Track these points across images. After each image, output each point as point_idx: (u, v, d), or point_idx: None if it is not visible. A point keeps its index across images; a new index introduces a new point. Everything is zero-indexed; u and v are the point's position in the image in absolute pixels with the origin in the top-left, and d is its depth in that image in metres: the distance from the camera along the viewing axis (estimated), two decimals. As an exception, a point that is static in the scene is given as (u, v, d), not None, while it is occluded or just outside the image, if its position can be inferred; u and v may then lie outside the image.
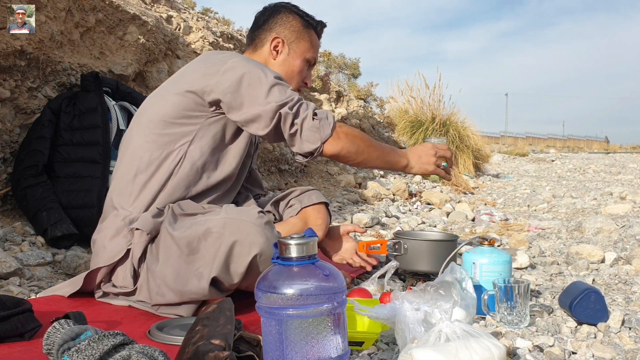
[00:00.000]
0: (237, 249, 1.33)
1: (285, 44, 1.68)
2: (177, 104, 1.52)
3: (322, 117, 1.49)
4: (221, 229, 1.34)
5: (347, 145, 1.51)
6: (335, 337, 0.99)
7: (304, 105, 1.49)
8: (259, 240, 1.33)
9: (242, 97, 1.47)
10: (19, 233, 2.20)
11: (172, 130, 1.52)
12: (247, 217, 1.36)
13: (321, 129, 1.48)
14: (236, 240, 1.33)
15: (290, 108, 1.46)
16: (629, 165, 10.82)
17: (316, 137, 1.47)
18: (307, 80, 1.75)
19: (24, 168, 2.29)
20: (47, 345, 1.00)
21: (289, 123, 1.46)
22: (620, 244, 2.49)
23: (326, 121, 1.49)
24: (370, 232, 3.06)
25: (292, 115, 1.46)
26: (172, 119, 1.52)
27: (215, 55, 1.58)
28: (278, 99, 1.46)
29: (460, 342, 1.03)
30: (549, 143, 34.44)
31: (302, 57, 1.69)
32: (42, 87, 2.53)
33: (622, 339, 1.30)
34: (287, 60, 1.68)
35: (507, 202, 4.95)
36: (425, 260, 1.81)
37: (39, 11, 2.44)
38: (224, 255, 1.33)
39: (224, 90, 1.47)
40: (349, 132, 1.53)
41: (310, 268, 1.00)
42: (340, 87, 7.57)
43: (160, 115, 1.53)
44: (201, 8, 7.29)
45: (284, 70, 1.67)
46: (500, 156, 13.75)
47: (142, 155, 1.52)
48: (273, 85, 1.47)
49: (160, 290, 1.39)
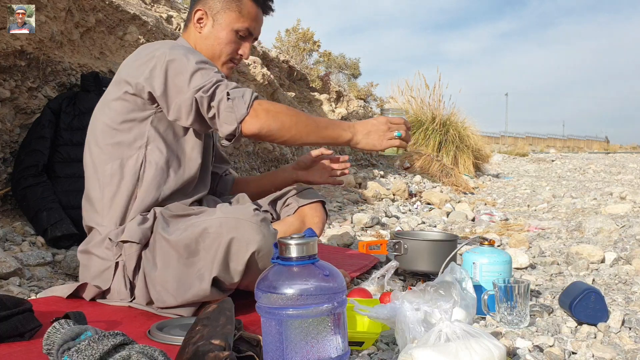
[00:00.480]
0: (235, 246, 1.32)
1: (208, 16, 1.59)
2: (121, 109, 1.49)
3: (237, 95, 1.40)
4: (218, 228, 1.33)
5: (267, 123, 1.40)
6: (335, 337, 0.99)
7: (222, 86, 1.40)
8: (256, 237, 1.32)
9: (169, 91, 1.43)
10: (19, 233, 2.20)
11: (124, 137, 1.49)
12: (243, 215, 1.34)
13: (235, 108, 1.39)
14: (233, 237, 1.32)
15: (206, 91, 1.39)
16: (629, 165, 10.82)
17: (232, 117, 1.39)
18: (243, 53, 1.63)
19: (24, 168, 2.29)
20: (47, 345, 1.00)
21: (205, 107, 1.40)
22: (620, 244, 2.49)
23: (241, 100, 1.39)
24: (370, 232, 3.06)
25: (207, 99, 1.39)
26: (120, 125, 1.49)
27: (144, 50, 1.52)
28: (196, 85, 1.40)
29: (460, 342, 1.03)
30: (549, 143, 34.44)
31: (229, 28, 1.58)
32: (42, 87, 2.53)
33: (622, 339, 1.30)
34: (212, 32, 1.59)
35: (507, 202, 4.95)
36: (425, 260, 1.81)
37: (39, 11, 2.44)
38: (223, 254, 1.32)
39: (154, 88, 1.44)
40: (271, 109, 1.42)
41: (310, 268, 1.00)
42: (340, 87, 7.57)
43: (109, 124, 1.50)
44: (201, 8, 7.28)
45: (210, 44, 1.60)
46: (500, 156, 13.75)
47: (103, 168, 1.50)
48: (195, 72, 1.41)
49: (161, 297, 1.39)
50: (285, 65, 5.89)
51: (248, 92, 1.41)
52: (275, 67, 5.57)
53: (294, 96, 5.64)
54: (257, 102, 1.41)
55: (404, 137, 1.51)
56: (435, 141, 7.39)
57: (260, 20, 1.65)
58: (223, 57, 1.61)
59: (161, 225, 1.41)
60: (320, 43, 11.57)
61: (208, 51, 1.60)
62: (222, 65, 1.62)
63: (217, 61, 1.60)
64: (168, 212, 1.45)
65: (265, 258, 1.34)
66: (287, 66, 5.92)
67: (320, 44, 11.58)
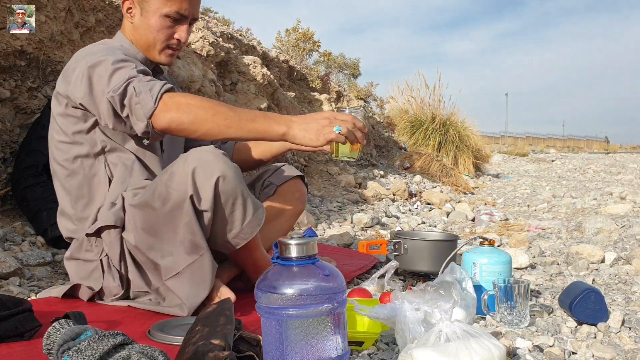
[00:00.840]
0: (200, 173, 1.33)
1: (136, 4, 1.52)
2: (67, 123, 1.48)
3: (144, 89, 1.33)
4: (182, 165, 1.34)
5: (178, 116, 1.31)
6: (335, 337, 0.99)
7: (134, 82, 1.34)
8: (217, 164, 1.33)
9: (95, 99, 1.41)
10: (19, 233, 2.20)
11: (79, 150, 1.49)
12: (203, 148, 1.37)
13: (142, 103, 1.32)
14: (196, 166, 1.33)
15: (116, 90, 1.34)
16: (629, 165, 10.82)
17: (141, 113, 1.33)
18: (180, 37, 1.54)
19: (24, 168, 2.29)
20: (47, 345, 1.00)
21: (119, 106, 1.36)
22: (620, 244, 2.49)
23: (148, 94, 1.32)
24: (370, 232, 3.06)
25: (119, 97, 1.34)
26: (72, 139, 1.49)
27: (73, 59, 1.49)
28: (111, 86, 1.36)
29: (460, 342, 1.03)
30: (549, 143, 34.44)
31: (158, 13, 1.50)
32: (42, 87, 2.53)
33: (622, 339, 1.30)
34: (142, 21, 1.52)
35: (507, 202, 4.95)
36: (425, 260, 1.81)
37: (39, 11, 2.44)
38: (192, 183, 1.33)
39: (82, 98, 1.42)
40: (183, 102, 1.33)
41: (310, 268, 1.00)
42: (340, 87, 7.57)
43: (62, 140, 1.50)
44: (201, 8, 7.29)
45: (142, 34, 1.53)
46: (500, 156, 13.75)
47: (70, 184, 1.51)
48: (112, 73, 1.37)
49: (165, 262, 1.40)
50: (285, 65, 5.89)
51: (158, 84, 1.34)
52: (275, 67, 5.57)
53: (294, 96, 5.64)
54: (167, 94, 1.33)
55: (343, 132, 1.31)
56: (435, 141, 7.39)
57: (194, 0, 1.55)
58: (158, 45, 1.54)
59: (129, 199, 1.42)
60: (320, 43, 11.57)
61: (142, 41, 1.54)
62: (159, 53, 1.55)
63: (153, 50, 1.54)
64: (133, 188, 1.47)
65: (230, 186, 1.34)
66: (287, 66, 5.92)
67: (320, 44, 11.59)
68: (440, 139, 7.42)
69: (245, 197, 1.39)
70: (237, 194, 1.36)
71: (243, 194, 1.38)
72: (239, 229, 1.40)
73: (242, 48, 5.03)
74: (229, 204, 1.36)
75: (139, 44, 1.55)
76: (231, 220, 1.39)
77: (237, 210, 1.38)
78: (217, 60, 4.23)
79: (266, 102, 4.67)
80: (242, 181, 1.38)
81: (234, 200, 1.37)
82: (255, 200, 1.43)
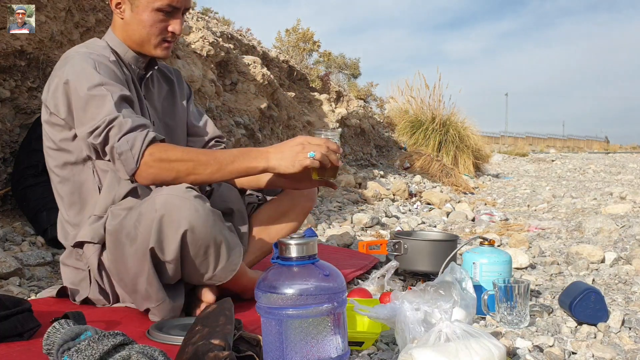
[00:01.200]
0: (166, 222, 1.27)
1: (126, 0, 1.47)
2: (54, 131, 1.46)
3: (125, 149, 1.32)
4: (150, 207, 1.28)
5: (160, 175, 1.34)
6: (335, 337, 0.99)
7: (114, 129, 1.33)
8: (186, 213, 1.26)
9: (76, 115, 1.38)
10: (19, 233, 2.20)
11: (68, 157, 1.46)
12: (174, 191, 1.30)
13: (124, 163, 1.33)
14: (163, 214, 1.27)
15: (97, 136, 1.34)
16: (629, 165, 10.83)
17: (123, 170, 1.35)
18: (174, 30, 1.50)
19: (24, 168, 2.29)
20: (47, 346, 1.00)
21: (100, 152, 1.37)
22: (620, 244, 2.49)
23: (129, 154, 1.32)
24: (370, 232, 3.06)
25: (100, 145, 1.34)
26: (60, 146, 1.46)
27: (56, 66, 1.46)
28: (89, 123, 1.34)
29: (460, 342, 1.03)
30: (549, 143, 34.44)
31: (149, 8, 1.45)
32: (42, 87, 2.53)
33: (622, 339, 1.30)
34: (133, 17, 1.47)
35: (507, 202, 4.95)
36: (425, 260, 1.81)
37: (39, 11, 2.44)
38: (157, 232, 1.27)
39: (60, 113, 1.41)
40: (164, 158, 1.34)
41: (310, 268, 1.00)
42: (340, 87, 7.57)
43: (51, 147, 1.48)
44: (201, 8, 7.30)
45: (134, 30, 1.48)
46: (500, 156, 13.76)
47: (62, 190, 1.49)
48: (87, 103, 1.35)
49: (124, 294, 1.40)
50: (285, 65, 5.89)
51: (139, 139, 1.32)
52: (275, 67, 5.57)
53: (294, 96, 5.64)
54: (148, 151, 1.33)
55: (317, 157, 1.34)
56: (435, 141, 7.39)
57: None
58: (153, 40, 1.49)
59: (108, 221, 1.37)
60: (320, 43, 11.56)
61: (135, 37, 1.49)
62: (154, 48, 1.51)
63: (147, 45, 1.50)
64: (118, 207, 1.41)
65: (201, 236, 1.29)
66: (287, 66, 5.92)
67: (320, 44, 11.57)
68: (440, 139, 7.42)
69: (218, 244, 1.33)
70: (208, 242, 1.31)
71: (216, 241, 1.32)
72: (212, 274, 1.36)
73: (242, 48, 5.03)
74: (200, 253, 1.31)
75: (131, 40, 1.50)
76: (203, 267, 1.34)
77: (209, 258, 1.33)
78: (217, 60, 4.23)
79: (266, 102, 4.67)
80: (215, 225, 1.32)
81: (206, 249, 1.32)
82: (230, 243, 1.37)
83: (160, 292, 1.33)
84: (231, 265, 1.37)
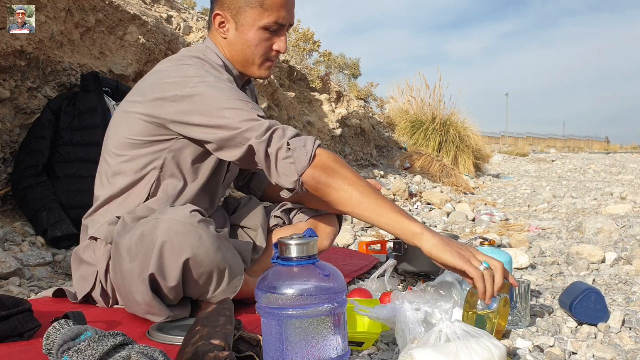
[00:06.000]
0: (168, 249, 1.23)
1: (229, 18, 1.43)
2: (144, 128, 1.39)
3: (299, 145, 1.26)
4: (152, 230, 1.23)
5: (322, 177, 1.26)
6: (335, 337, 0.99)
7: (279, 131, 1.27)
8: (189, 240, 1.22)
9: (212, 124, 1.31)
10: (19, 233, 2.20)
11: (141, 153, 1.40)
12: (177, 216, 1.24)
13: (297, 159, 1.26)
14: (165, 240, 1.22)
15: (260, 137, 1.26)
16: (629, 165, 10.83)
17: (292, 169, 1.26)
18: (279, 48, 1.46)
19: (24, 168, 2.29)
20: (47, 346, 1.00)
21: (263, 155, 1.27)
22: (620, 244, 2.49)
23: (302, 150, 1.26)
24: (370, 232, 3.06)
25: (264, 145, 1.26)
26: (139, 141, 1.40)
27: (174, 71, 1.38)
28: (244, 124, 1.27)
29: (460, 342, 1.03)
30: (549, 143, 34.44)
31: (255, 26, 1.41)
32: (42, 87, 2.53)
33: (622, 339, 1.30)
34: (238, 36, 1.43)
35: (507, 202, 4.95)
36: (426, 260, 1.80)
37: (39, 11, 2.44)
38: (157, 259, 1.23)
39: (183, 120, 1.34)
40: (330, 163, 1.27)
41: (310, 268, 1.00)
42: (340, 87, 7.57)
43: (128, 138, 1.41)
44: (201, 8, 7.30)
45: (239, 49, 1.45)
46: (500, 156, 13.76)
47: (115, 180, 1.43)
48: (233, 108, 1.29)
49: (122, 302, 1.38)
50: (285, 65, 5.89)
51: (309, 140, 1.27)
52: (275, 67, 5.57)
53: (294, 96, 5.64)
54: (317, 151, 1.27)
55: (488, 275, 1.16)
56: (435, 141, 7.40)
57: (290, 4, 1.45)
58: (257, 60, 1.46)
59: (118, 228, 1.32)
60: (320, 43, 11.56)
61: (239, 57, 1.46)
62: (258, 67, 1.48)
63: (252, 66, 1.47)
64: (131, 215, 1.35)
65: (203, 263, 1.25)
66: (287, 66, 5.92)
67: (320, 44, 11.56)
68: (440, 139, 7.42)
69: (221, 269, 1.29)
70: (211, 269, 1.27)
71: (219, 268, 1.28)
72: (211, 295, 1.33)
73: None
74: (202, 278, 1.28)
75: (234, 59, 1.47)
76: (203, 288, 1.32)
77: (211, 282, 1.30)
78: (217, 60, 4.22)
79: (266, 102, 4.67)
80: (219, 251, 1.27)
81: (208, 275, 1.28)
82: (233, 268, 1.32)
83: (164, 309, 1.31)
84: (232, 287, 1.34)
